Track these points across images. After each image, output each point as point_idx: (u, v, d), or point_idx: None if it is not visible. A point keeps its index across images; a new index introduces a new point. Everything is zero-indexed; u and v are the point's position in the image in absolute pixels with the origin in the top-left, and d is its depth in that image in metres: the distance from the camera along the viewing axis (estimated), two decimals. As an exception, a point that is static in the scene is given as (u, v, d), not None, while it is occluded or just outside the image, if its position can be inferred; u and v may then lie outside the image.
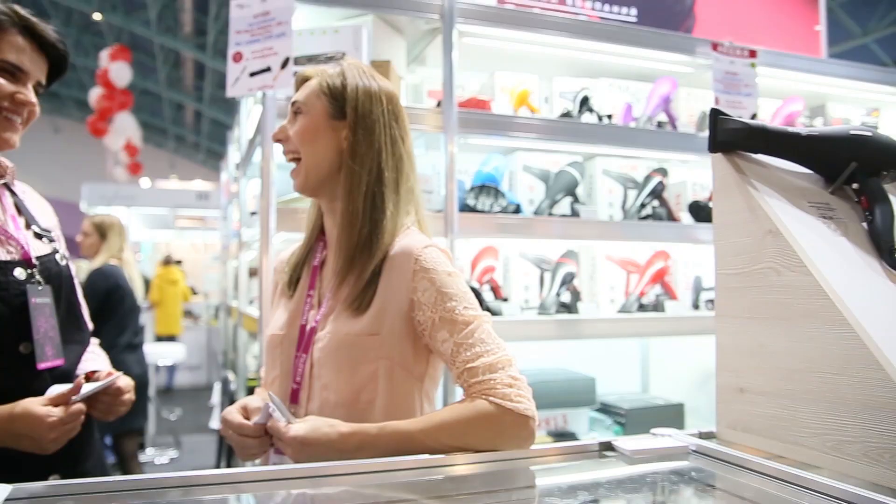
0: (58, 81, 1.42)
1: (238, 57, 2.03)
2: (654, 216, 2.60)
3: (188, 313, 10.37)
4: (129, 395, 1.42)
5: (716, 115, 1.06)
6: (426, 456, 1.11)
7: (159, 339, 8.70)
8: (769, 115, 2.92)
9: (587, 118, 2.58)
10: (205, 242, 12.63)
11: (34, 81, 1.32)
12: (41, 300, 1.30)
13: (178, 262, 9.66)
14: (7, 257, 1.29)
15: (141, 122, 11.87)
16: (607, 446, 1.15)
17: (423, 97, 2.60)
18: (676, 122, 2.69)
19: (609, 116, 2.63)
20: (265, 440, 1.24)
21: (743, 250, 1.03)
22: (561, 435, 2.55)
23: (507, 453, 1.14)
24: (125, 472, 3.84)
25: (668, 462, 1.07)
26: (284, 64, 1.94)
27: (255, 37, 2.01)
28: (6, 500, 0.89)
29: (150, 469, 5.78)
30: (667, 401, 2.65)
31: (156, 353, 6.41)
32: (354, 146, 1.28)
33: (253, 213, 2.58)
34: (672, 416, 2.57)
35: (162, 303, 8.83)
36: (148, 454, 6.09)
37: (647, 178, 2.62)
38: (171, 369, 7.73)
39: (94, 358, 1.55)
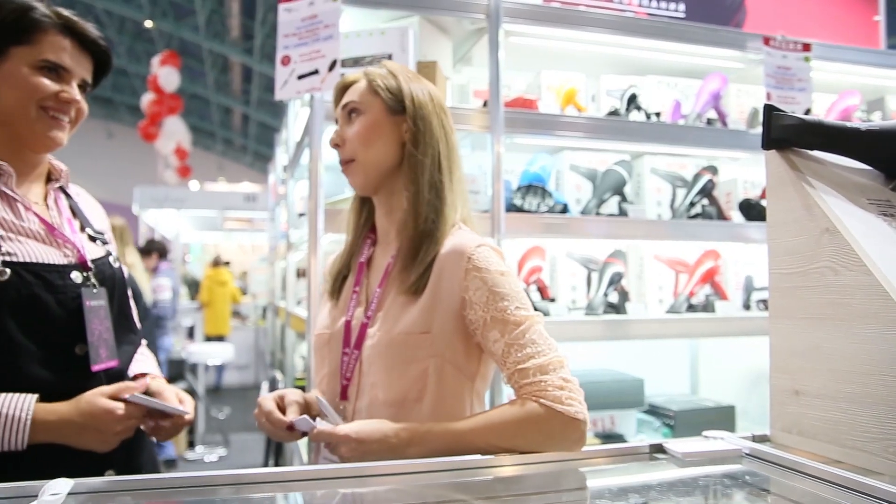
0: (109, 85, 1.46)
1: (286, 60, 2.05)
2: (703, 215, 2.56)
3: (236, 314, 10.55)
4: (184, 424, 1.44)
5: (770, 111, 1.03)
6: (475, 456, 1.11)
7: (208, 339, 8.87)
8: (824, 109, 2.84)
9: (635, 116, 2.55)
10: (252, 244, 12.84)
11: (79, 80, 1.35)
12: (96, 303, 1.33)
13: (227, 264, 9.84)
14: (64, 261, 1.32)
15: (190, 126, 12.12)
16: (658, 448, 1.13)
17: (469, 97, 2.60)
18: (727, 119, 2.64)
19: (657, 114, 2.59)
20: (295, 434, 1.26)
21: (798, 249, 1.00)
22: (609, 437, 2.53)
23: (557, 455, 1.13)
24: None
25: (720, 465, 1.06)
26: (332, 66, 1.96)
27: (303, 40, 2.03)
28: (69, 493, 0.92)
29: (199, 466, 5.89)
30: (717, 403, 2.60)
31: (205, 353, 6.54)
32: (416, 136, 1.31)
33: (301, 215, 2.61)
34: (722, 418, 2.52)
35: (211, 303, 9.00)
36: (197, 452, 6.21)
37: (697, 177, 2.57)
38: (220, 369, 7.88)
39: (143, 359, 1.58)
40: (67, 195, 1.48)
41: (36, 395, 1.21)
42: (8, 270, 1.22)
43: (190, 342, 8.09)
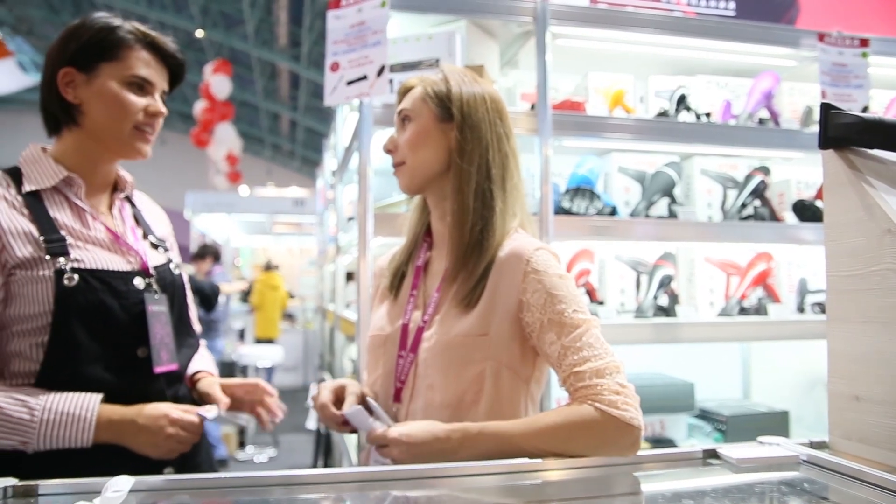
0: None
1: (335, 66, 2.08)
2: (755, 216, 2.51)
3: (287, 316, 10.69)
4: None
5: (827, 109, 1.01)
6: (526, 460, 1.11)
7: (258, 341, 9.01)
8: (882, 106, 2.76)
9: (684, 117, 2.52)
10: (300, 247, 13.01)
11: (160, 91, 1.42)
12: (157, 308, 1.38)
13: (277, 267, 10.00)
14: (128, 267, 1.38)
15: (239, 132, 12.34)
16: (711, 454, 1.12)
17: (516, 100, 2.60)
18: (779, 119, 2.59)
19: (707, 114, 2.55)
20: (348, 426, 1.29)
21: (858, 251, 0.98)
22: (658, 441, 2.50)
23: (609, 459, 1.12)
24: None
25: (777, 472, 1.04)
26: (380, 72, 1.98)
27: (352, 46, 2.06)
28: (130, 490, 0.95)
29: (250, 466, 6.01)
30: (770, 408, 2.55)
31: (255, 355, 6.66)
32: (462, 145, 1.31)
33: (350, 219, 2.64)
34: (776, 424, 2.47)
35: (262, 307, 9.13)
36: (248, 452, 6.32)
37: (748, 177, 2.53)
38: (270, 371, 7.98)
39: (201, 359, 1.63)
40: (132, 204, 1.54)
41: (101, 395, 1.26)
42: (76, 276, 1.27)
43: (241, 344, 8.24)
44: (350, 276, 3.76)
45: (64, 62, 1.35)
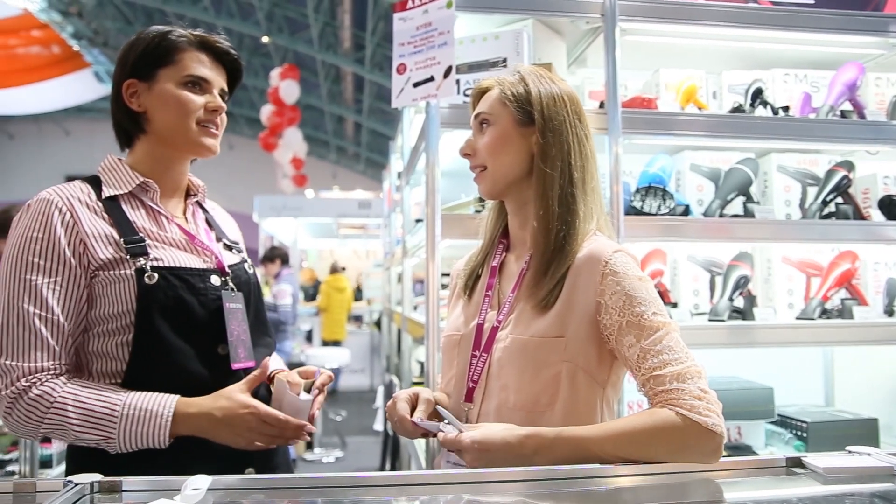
0: (234, 94, 1.55)
1: (402, 69, 2.09)
2: (837, 214, 2.40)
3: (354, 318, 10.82)
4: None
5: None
6: (601, 465, 1.09)
7: (325, 343, 9.14)
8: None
9: (760, 112, 2.43)
10: (366, 249, 13.16)
11: (218, 89, 1.46)
12: (234, 305, 1.41)
13: (343, 269, 10.13)
14: (204, 265, 1.41)
15: (305, 136, 12.57)
16: (796, 462, 1.08)
17: (584, 99, 2.55)
18: (864, 111, 2.47)
19: (785, 109, 2.45)
20: (418, 430, 1.29)
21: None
22: (735, 448, 2.42)
23: (689, 465, 1.09)
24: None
25: (868, 484, 0.99)
26: (447, 73, 1.98)
27: (418, 48, 2.06)
28: (208, 489, 0.98)
29: (317, 467, 6.11)
30: (856, 415, 2.44)
31: (322, 357, 6.76)
32: (545, 149, 1.29)
33: (418, 221, 2.64)
34: (863, 432, 2.36)
35: (329, 309, 9.27)
36: (315, 453, 6.42)
37: (830, 173, 2.42)
38: (337, 372, 8.10)
39: (275, 360, 1.66)
40: (204, 209, 1.58)
41: (178, 396, 1.29)
42: (156, 275, 1.31)
43: (308, 346, 8.38)
44: (418, 278, 3.77)
45: (126, 75, 1.42)
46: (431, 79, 2.02)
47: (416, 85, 2.05)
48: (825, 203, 2.40)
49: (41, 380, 1.25)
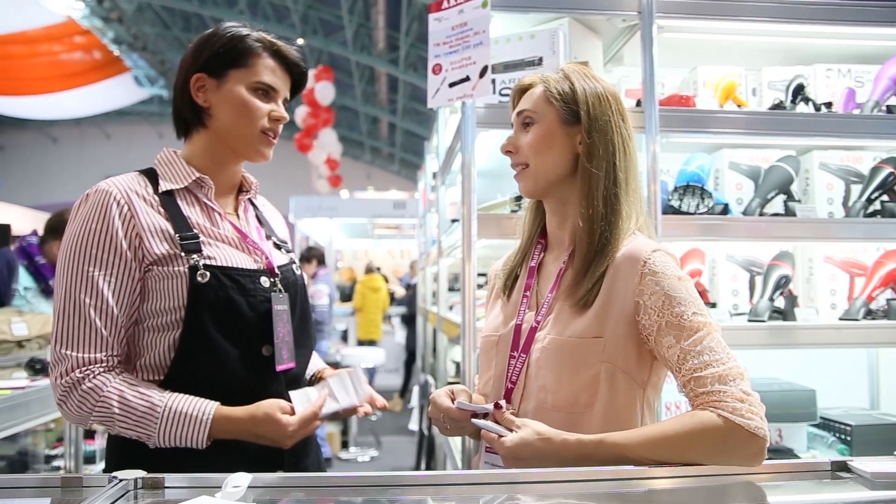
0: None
1: (437, 69, 2.09)
2: (883, 212, 2.34)
3: (389, 318, 10.85)
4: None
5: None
6: (641, 467, 1.08)
7: (360, 343, 9.19)
8: None
9: (802, 108, 2.38)
10: (401, 249, 13.19)
11: (282, 98, 1.48)
12: (281, 307, 1.43)
13: (378, 269, 10.16)
14: (255, 266, 1.43)
15: (339, 137, 12.65)
16: (841, 466, 1.06)
17: (621, 97, 2.53)
18: (912, 106, 2.41)
19: (828, 105, 2.40)
20: (465, 426, 1.30)
21: None
22: (777, 451, 2.37)
23: (731, 468, 1.07)
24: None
25: (920, 489, 0.96)
26: (483, 72, 1.97)
27: (454, 48, 2.06)
28: (249, 486, 0.99)
29: (352, 466, 6.16)
30: (902, 418, 2.38)
31: (358, 356, 6.80)
32: (591, 149, 1.28)
33: (454, 221, 2.64)
34: (910, 436, 2.30)
35: (364, 308, 9.30)
36: (351, 452, 6.47)
37: (875, 171, 2.36)
38: (372, 372, 8.13)
39: (315, 359, 1.68)
40: (255, 206, 1.60)
41: (217, 403, 1.30)
42: (208, 273, 1.33)
43: (344, 346, 8.43)
44: (454, 278, 3.77)
45: (196, 68, 1.43)
46: (467, 79, 2.02)
47: (451, 85, 2.05)
48: (870, 201, 2.35)
49: (94, 372, 1.28)
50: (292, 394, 1.36)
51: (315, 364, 1.68)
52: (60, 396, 1.29)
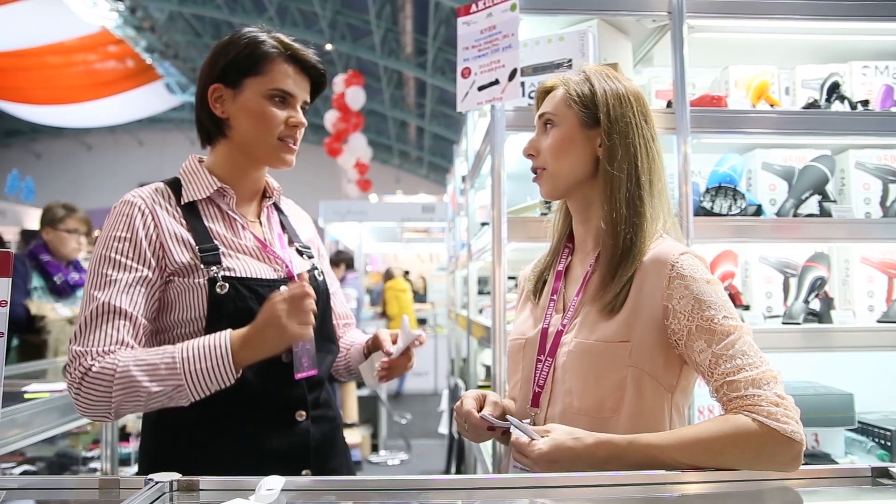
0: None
1: (466, 72, 2.09)
2: (923, 212, 2.30)
3: (418, 322, 10.85)
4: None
5: None
6: (673, 472, 1.07)
7: (390, 346, 9.19)
8: None
9: (837, 107, 2.34)
10: (430, 253, 13.20)
11: (301, 102, 1.47)
12: None
13: (406, 273, 10.18)
14: (274, 275, 1.44)
15: (368, 141, 12.72)
16: (882, 472, 1.03)
17: (651, 98, 2.50)
18: (953, 102, 2.35)
19: (864, 103, 2.35)
20: (482, 434, 1.32)
21: None
22: (813, 456, 2.33)
23: (767, 473, 1.06)
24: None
25: (965, 496, 0.94)
26: (512, 75, 1.97)
27: (483, 51, 2.06)
28: (282, 490, 1.00)
29: (382, 469, 6.17)
30: (945, 423, 2.32)
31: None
32: (611, 152, 1.27)
33: (483, 224, 2.64)
34: (953, 441, 2.24)
35: (397, 315, 9.27)
36: (381, 455, 6.48)
37: (914, 169, 2.31)
38: (402, 375, 8.12)
39: (355, 331, 1.77)
40: (279, 210, 1.62)
41: (229, 329, 1.30)
42: (227, 285, 1.35)
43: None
44: (483, 282, 3.76)
45: (213, 79, 1.44)
46: (496, 82, 2.02)
47: (480, 88, 2.05)
48: (909, 200, 2.30)
49: (104, 358, 1.26)
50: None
51: (356, 337, 1.74)
52: (74, 391, 1.26)
